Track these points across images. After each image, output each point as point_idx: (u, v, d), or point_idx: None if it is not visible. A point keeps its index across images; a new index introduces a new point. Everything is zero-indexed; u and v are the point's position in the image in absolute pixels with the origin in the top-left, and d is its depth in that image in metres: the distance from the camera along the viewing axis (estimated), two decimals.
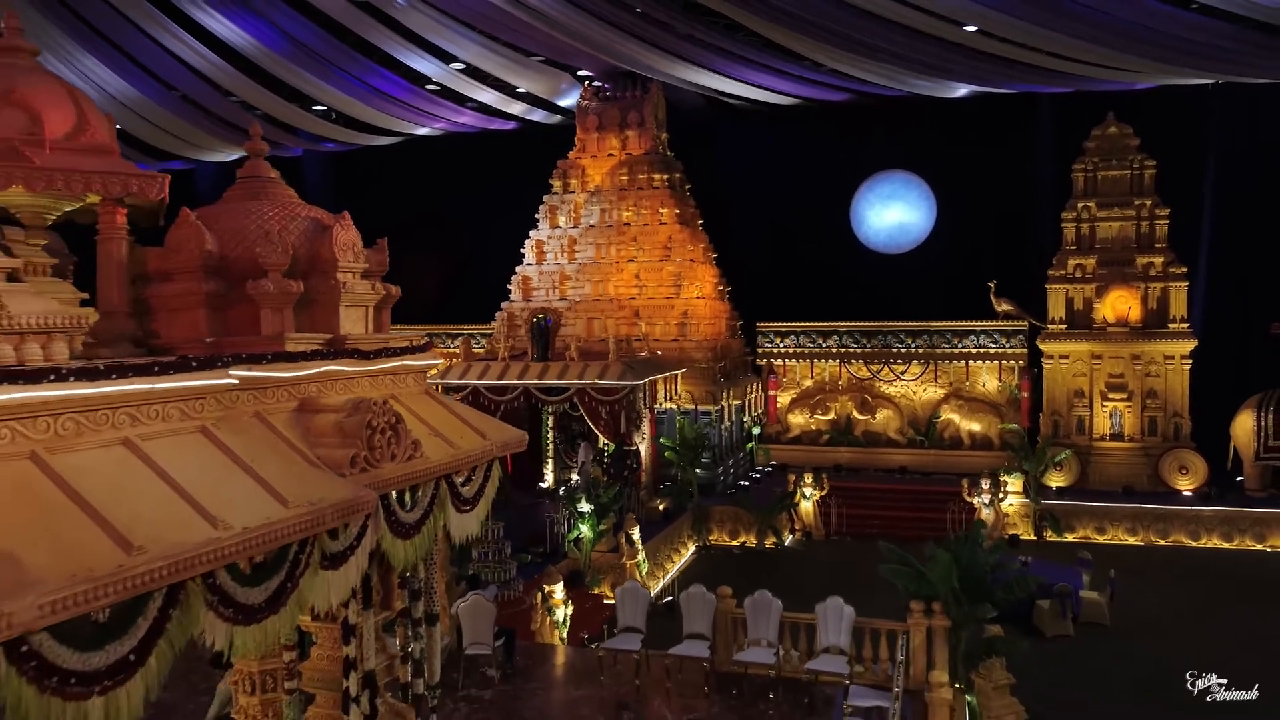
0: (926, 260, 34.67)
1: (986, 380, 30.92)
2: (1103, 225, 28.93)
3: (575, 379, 23.80)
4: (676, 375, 27.46)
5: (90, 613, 4.06)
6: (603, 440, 24.66)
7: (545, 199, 32.34)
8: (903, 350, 31.67)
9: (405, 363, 7.54)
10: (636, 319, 29.67)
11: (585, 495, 20.57)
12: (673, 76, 31.48)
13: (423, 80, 32.68)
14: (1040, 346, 29.20)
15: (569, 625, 15.98)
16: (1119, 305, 28.34)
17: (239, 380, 5.88)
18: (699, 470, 26.17)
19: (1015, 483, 26.24)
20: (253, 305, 6.85)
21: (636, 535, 20.37)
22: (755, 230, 35.31)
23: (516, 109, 35.63)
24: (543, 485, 27.49)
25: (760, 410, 32.58)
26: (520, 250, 32.21)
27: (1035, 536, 25.36)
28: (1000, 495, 25.30)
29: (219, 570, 4.80)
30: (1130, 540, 25.31)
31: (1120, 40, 24.00)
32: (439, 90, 33.66)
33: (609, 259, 30.86)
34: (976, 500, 24.94)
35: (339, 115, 35.29)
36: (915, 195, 35.10)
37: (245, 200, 7.36)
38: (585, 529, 20.20)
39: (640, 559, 20.29)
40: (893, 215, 35.36)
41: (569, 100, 34.06)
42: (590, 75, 32.50)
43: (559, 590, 15.94)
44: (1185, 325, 27.92)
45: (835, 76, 30.69)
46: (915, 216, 35.14)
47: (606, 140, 32.12)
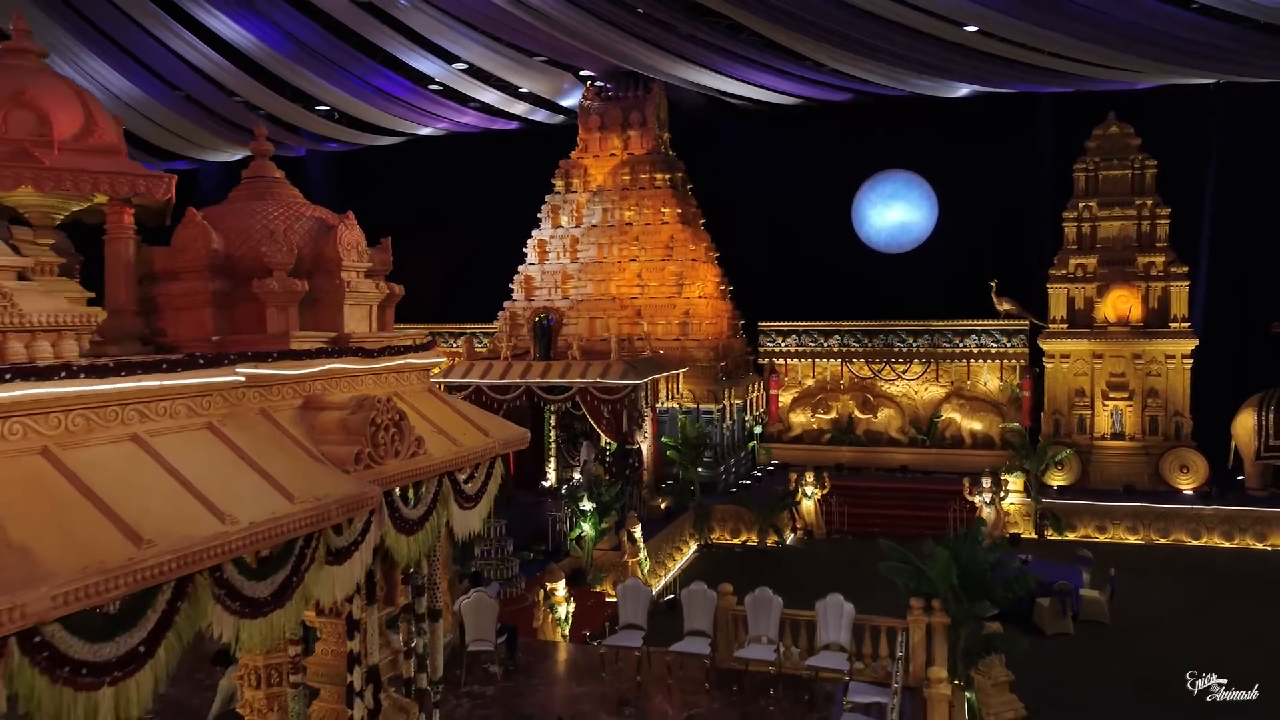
0: (928, 260, 34.69)
1: (988, 379, 30.97)
2: (1104, 225, 28.97)
3: (577, 378, 23.89)
4: (678, 374, 27.54)
5: (101, 605, 4.14)
6: (605, 439, 24.74)
7: (548, 199, 32.42)
8: (904, 349, 31.73)
9: (409, 361, 7.62)
10: (638, 318, 29.72)
11: (587, 494, 20.61)
12: (675, 76, 31.52)
13: (425, 80, 32.74)
14: (1041, 346, 29.25)
15: (571, 623, 16.04)
16: (1120, 305, 28.37)
17: (245, 378, 5.96)
18: (701, 469, 26.22)
19: (1016, 482, 26.29)
20: (258, 304, 6.92)
21: (638, 533, 20.43)
22: (757, 230, 35.31)
23: (519, 109, 35.68)
24: (545, 484, 27.54)
25: (762, 409, 32.63)
26: (523, 250, 32.28)
27: (1036, 535, 25.42)
28: (1001, 494, 25.35)
29: (226, 564, 4.89)
30: (1131, 539, 25.36)
31: (1120, 40, 24.03)
32: (442, 90, 33.70)
33: (611, 258, 30.92)
34: (978, 499, 24.99)
35: (342, 115, 35.35)
36: (917, 195, 35.13)
37: (251, 200, 7.44)
38: (587, 527, 20.25)
39: (642, 557, 20.36)
40: (894, 215, 35.40)
41: (571, 100, 34.11)
42: (592, 75, 32.56)
43: (561, 588, 16.01)
44: (1186, 324, 27.95)
45: (836, 76, 30.71)
46: (917, 216, 35.18)
47: (609, 140, 32.19)
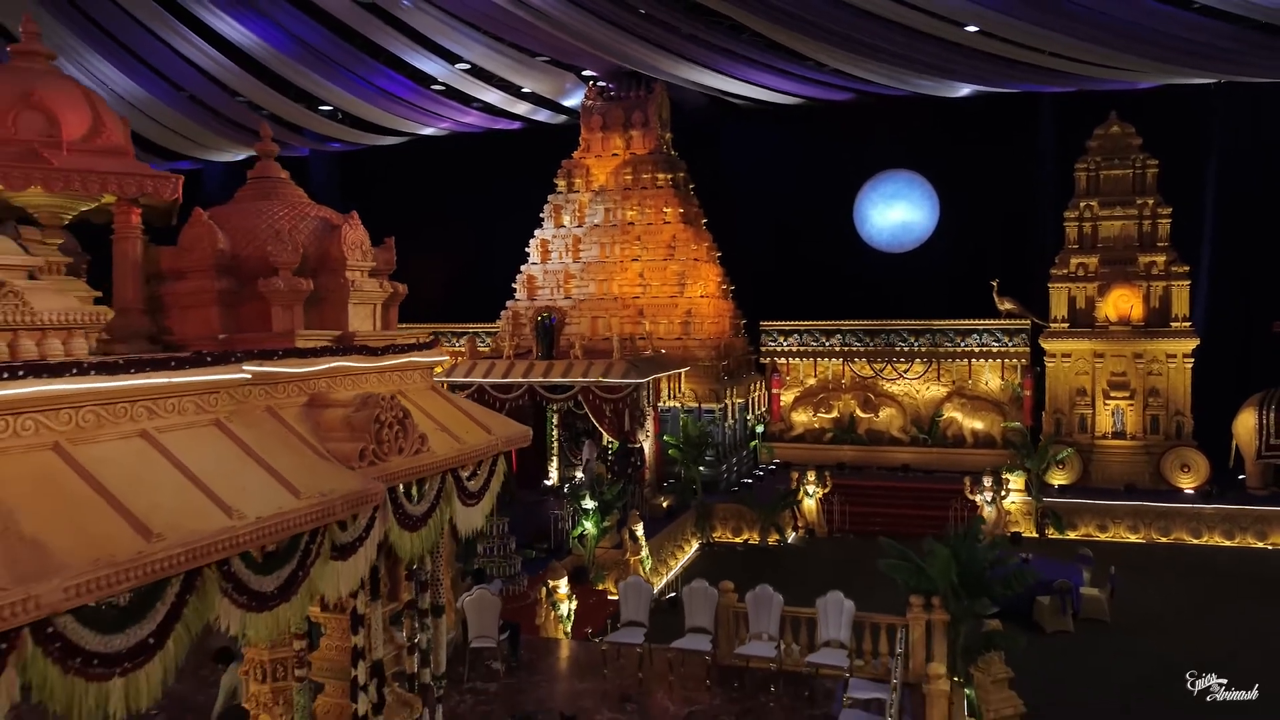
0: (929, 259, 34.73)
1: (989, 379, 31.01)
2: (1105, 224, 29.01)
3: (579, 377, 23.97)
4: (680, 373, 27.64)
5: (111, 597, 4.24)
6: (607, 438, 24.83)
7: (550, 198, 32.50)
8: (905, 349, 31.78)
9: (412, 359, 7.70)
10: (640, 317, 29.79)
11: (589, 492, 20.69)
12: (677, 76, 31.58)
13: (428, 80, 32.81)
14: (1042, 345, 29.30)
15: (573, 620, 16.12)
16: (1121, 304, 28.42)
17: (251, 375, 6.04)
18: (702, 468, 26.29)
19: (1017, 480, 26.34)
20: (264, 303, 7.00)
21: (640, 532, 20.52)
22: (759, 229, 35.37)
23: (521, 109, 35.75)
24: (547, 483, 27.62)
25: (764, 408, 32.70)
26: (525, 249, 32.36)
27: (1037, 534, 25.47)
28: (1002, 493, 25.43)
29: (233, 558, 4.98)
30: (1132, 538, 25.41)
31: (1120, 40, 24.06)
32: (444, 90, 33.78)
33: (613, 258, 31.00)
34: (979, 498, 25.07)
35: (345, 115, 35.44)
36: (918, 194, 35.17)
37: (256, 200, 7.53)
38: (589, 525, 20.32)
39: (644, 555, 20.45)
40: (896, 214, 35.44)
41: (574, 100, 34.18)
42: (595, 75, 32.63)
43: (563, 585, 16.10)
44: (1187, 324, 27.99)
45: (838, 76, 30.75)
46: (918, 215, 35.22)
47: (611, 140, 32.26)
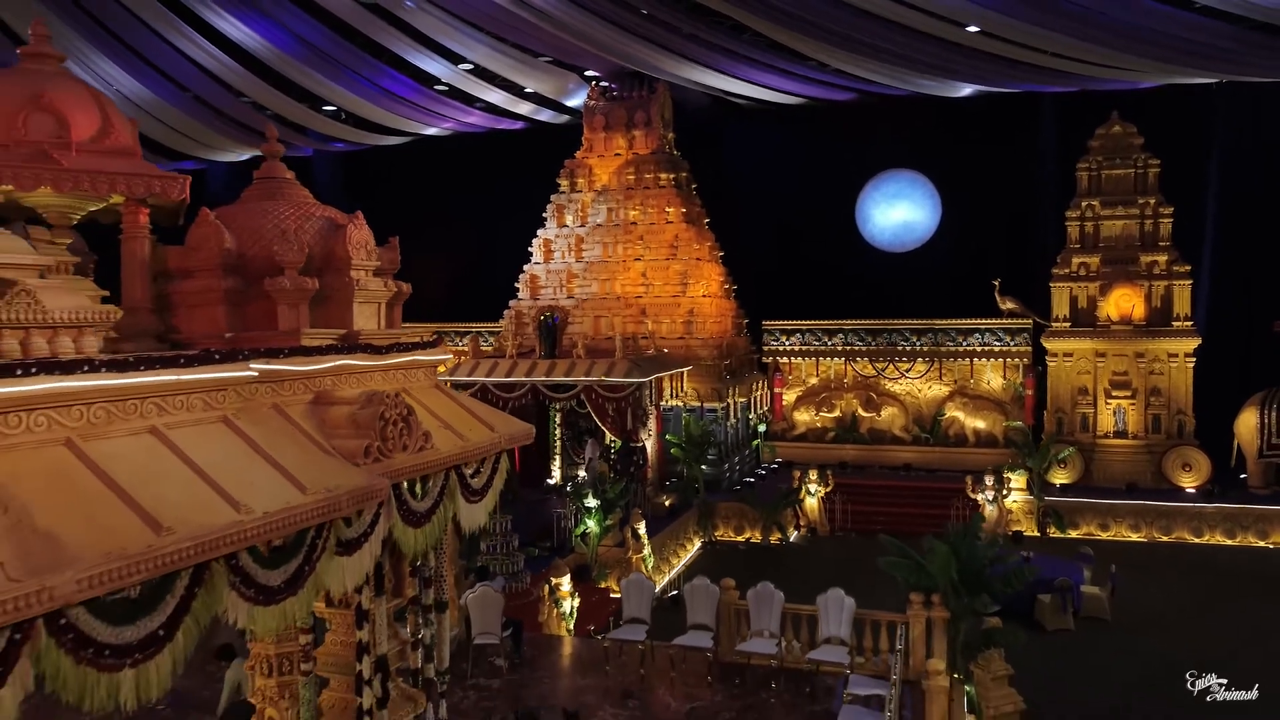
0: (931, 259, 34.78)
1: (991, 378, 31.06)
2: (1107, 224, 29.06)
3: (582, 376, 24.07)
4: (682, 373, 27.73)
5: (123, 589, 4.33)
6: (609, 437, 24.90)
7: (553, 198, 32.58)
8: (908, 348, 31.84)
9: (416, 358, 7.80)
10: (643, 317, 29.86)
11: (592, 491, 20.72)
12: (679, 77, 31.64)
13: (431, 81, 32.90)
14: (1044, 344, 29.35)
15: (575, 618, 16.19)
16: (1123, 303, 28.45)
17: (258, 373, 6.15)
18: (704, 467, 26.36)
19: (1019, 479, 26.39)
20: (270, 301, 7.10)
21: (642, 530, 20.60)
22: (761, 229, 35.43)
23: (524, 109, 35.83)
24: (550, 481, 27.72)
25: (766, 407, 32.77)
26: (528, 249, 32.45)
27: (1039, 533, 25.50)
28: (1004, 492, 25.49)
29: (241, 552, 5.08)
30: (1133, 537, 25.45)
31: (1120, 40, 24.09)
32: (447, 91, 33.86)
33: (616, 258, 31.07)
34: (980, 497, 25.12)
35: (349, 115, 35.53)
36: (920, 194, 35.23)
37: (262, 200, 7.63)
38: (592, 524, 20.38)
39: (646, 554, 20.52)
40: (898, 214, 35.50)
41: (576, 100, 34.26)
42: (597, 75, 32.70)
43: (566, 583, 16.18)
44: (1189, 323, 28.04)
45: (840, 76, 30.79)
46: (920, 215, 35.28)
47: (613, 140, 32.34)
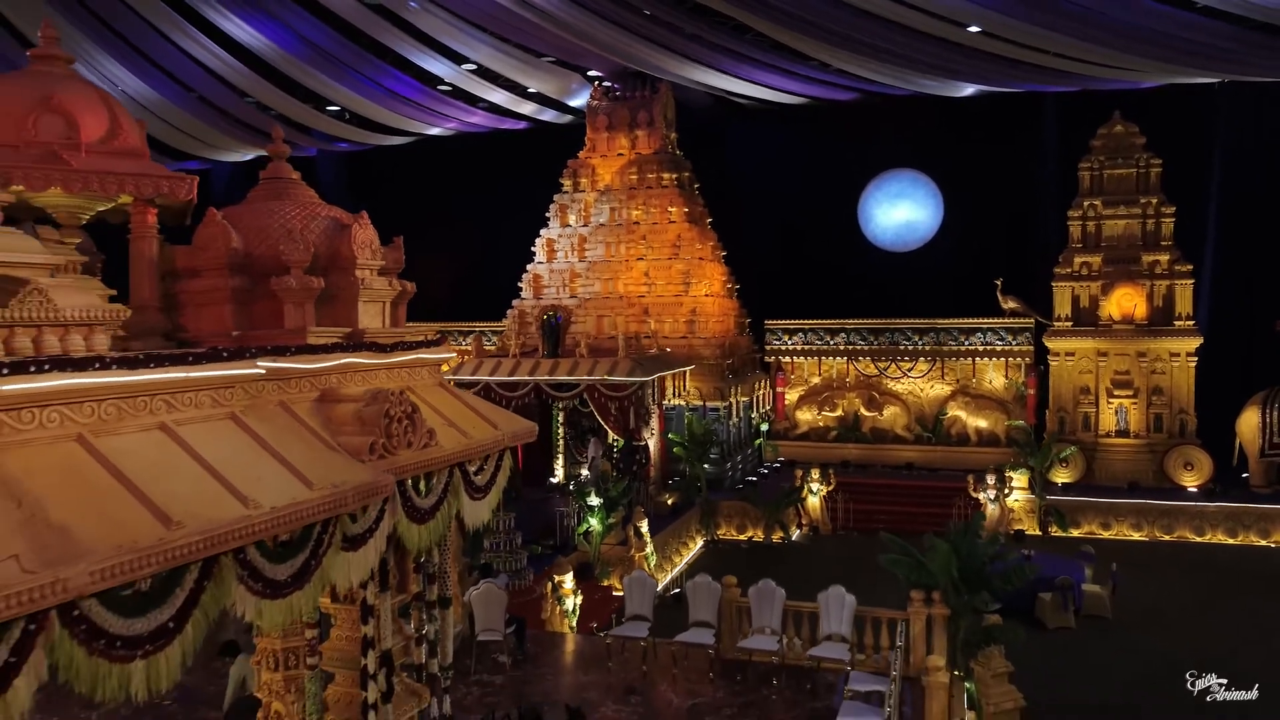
0: (933, 258, 34.81)
1: (993, 377, 31.09)
2: (1109, 223, 29.10)
3: (585, 375, 24.15)
4: (685, 372, 27.80)
5: (134, 581, 4.42)
6: (612, 436, 24.98)
7: (555, 198, 32.66)
8: (910, 347, 31.88)
9: (420, 356, 7.89)
10: (646, 316, 29.94)
11: (595, 489, 20.80)
12: (681, 77, 31.70)
13: (435, 81, 32.97)
14: (1046, 344, 29.40)
15: (578, 615, 16.28)
16: (1125, 303, 28.49)
17: (265, 371, 6.24)
18: (707, 466, 26.42)
19: (1021, 478, 26.46)
20: (276, 300, 7.18)
21: (645, 528, 20.67)
22: (764, 228, 35.48)
23: (527, 109, 35.89)
24: (553, 480, 27.79)
25: (768, 407, 32.84)
26: (531, 249, 32.52)
27: (1041, 532, 25.55)
28: (1006, 491, 25.56)
29: (249, 546, 5.16)
30: (1135, 536, 25.50)
31: (1120, 40, 24.11)
32: (451, 91, 33.94)
33: (618, 257, 31.14)
34: (982, 496, 25.18)
35: (352, 115, 35.61)
36: (922, 194, 35.28)
37: (268, 200, 7.72)
38: (594, 522, 20.47)
39: (648, 552, 20.60)
40: (900, 213, 35.56)
41: (579, 100, 34.32)
42: (600, 75, 32.77)
43: (569, 580, 16.27)
44: (1191, 323, 28.07)
45: (843, 76, 30.82)
46: (922, 215, 35.33)
47: (616, 140, 32.40)
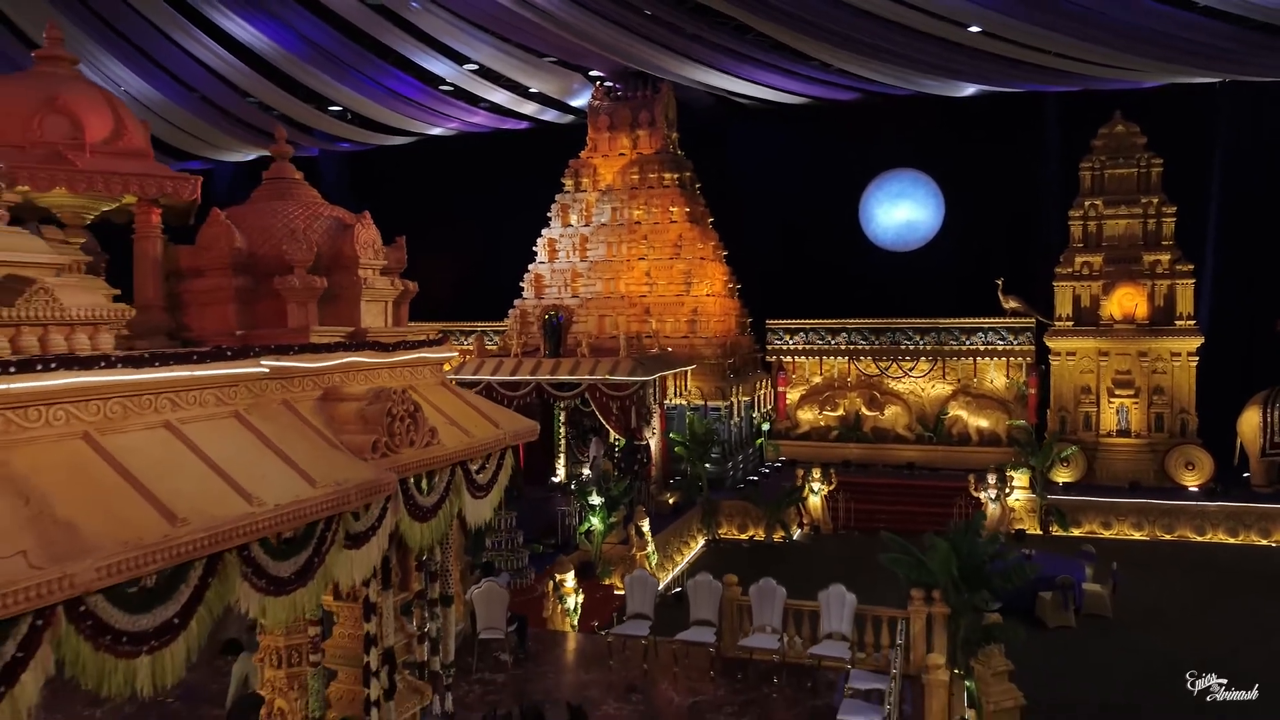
0: (934, 258, 34.84)
1: (994, 377, 31.10)
2: (1110, 223, 29.11)
3: (586, 375, 24.20)
4: (686, 371, 27.84)
5: (140, 578, 4.46)
6: (613, 435, 25.02)
7: (557, 198, 32.70)
8: (911, 347, 31.89)
9: (423, 355, 7.93)
10: (647, 316, 29.98)
11: (596, 489, 20.86)
12: (683, 77, 31.72)
13: (436, 81, 33.02)
14: (1047, 343, 29.42)
15: (579, 614, 16.32)
16: (1126, 302, 28.51)
17: (269, 370, 6.28)
18: (708, 465, 26.47)
19: (1022, 478, 26.48)
20: (279, 300, 7.22)
21: (646, 528, 20.70)
22: (765, 228, 35.51)
23: (529, 109, 35.93)
24: (554, 479, 27.85)
25: (770, 406, 32.87)
26: (532, 248, 32.57)
27: (1041, 531, 25.55)
28: (1007, 490, 25.57)
29: (253, 544, 5.21)
30: (1136, 535, 25.52)
31: (1120, 40, 24.12)
32: (452, 91, 33.98)
33: (620, 257, 31.18)
34: (983, 495, 25.19)
35: (354, 115, 35.66)
36: (923, 193, 35.31)
37: (271, 200, 7.76)
38: (596, 521, 20.52)
39: (650, 551, 20.64)
40: (901, 213, 35.59)
41: (581, 100, 34.36)
42: (601, 76, 32.81)
43: (570, 579, 16.30)
44: (1192, 322, 28.08)
45: (844, 76, 30.85)
46: (923, 214, 35.36)
47: (618, 140, 32.43)
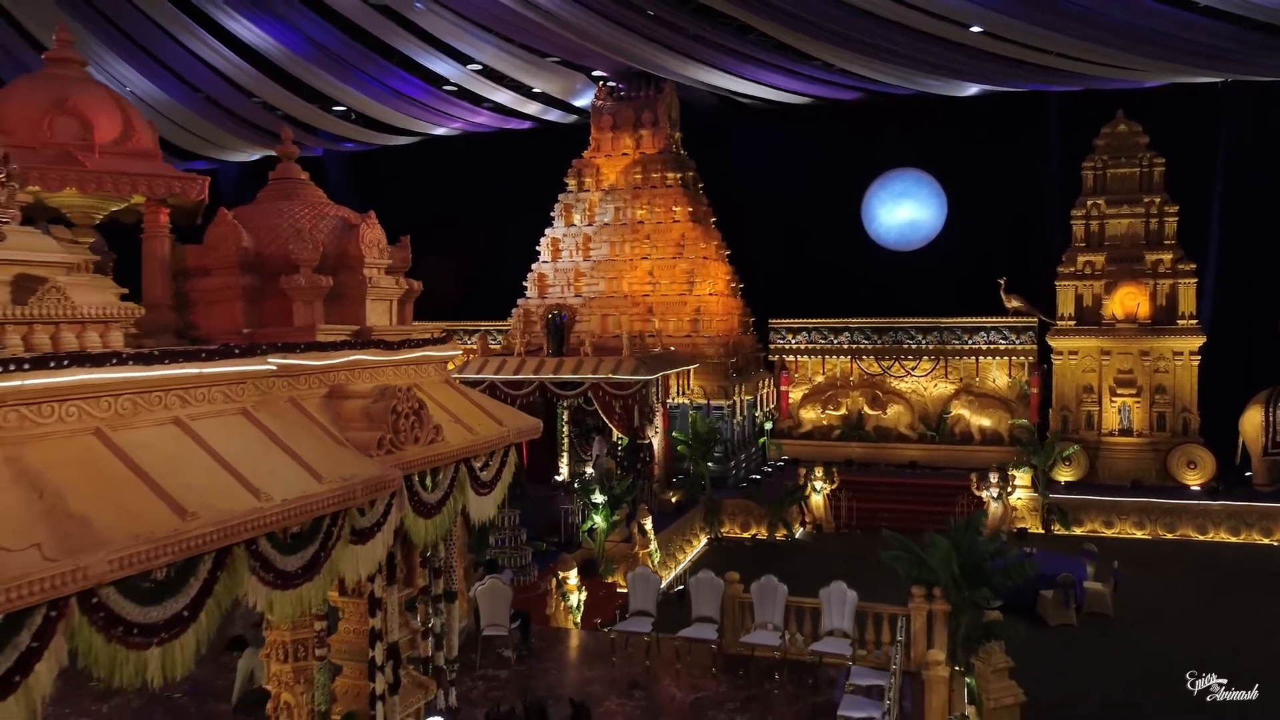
0: (937, 257, 34.89)
1: (996, 376, 31.14)
2: (1112, 222, 29.14)
3: (589, 374, 24.29)
4: (689, 370, 27.91)
5: (151, 570, 4.56)
6: (616, 434, 25.10)
7: (560, 197, 32.77)
8: (913, 346, 31.94)
9: (427, 353, 8.03)
10: (650, 315, 30.05)
11: (599, 487, 20.93)
12: (685, 76, 31.80)
13: (440, 81, 33.11)
14: (1050, 343, 29.44)
15: (582, 611, 16.41)
16: (1128, 302, 28.54)
17: (276, 367, 6.38)
18: (711, 464, 26.51)
19: (1024, 477, 26.53)
20: (285, 298, 7.33)
21: (649, 526, 20.76)
22: (768, 227, 35.56)
23: (532, 109, 36.03)
24: (558, 478, 27.93)
25: (772, 405, 32.94)
26: (536, 248, 32.64)
27: (1043, 530, 25.61)
28: (1009, 489, 25.62)
29: (261, 538, 5.30)
30: (1138, 534, 25.55)
31: (1121, 40, 24.16)
32: (456, 91, 34.08)
33: (623, 256, 31.25)
34: (985, 494, 25.23)
35: (358, 116, 35.77)
36: (926, 193, 35.36)
37: (278, 200, 7.87)
38: (599, 520, 20.60)
39: (653, 549, 20.70)
40: (904, 213, 35.64)
41: (584, 100, 34.43)
42: (605, 75, 32.88)
43: (573, 577, 16.39)
44: (1194, 321, 28.10)
45: (846, 76, 30.92)
46: (926, 214, 35.41)
47: (620, 139, 32.50)
